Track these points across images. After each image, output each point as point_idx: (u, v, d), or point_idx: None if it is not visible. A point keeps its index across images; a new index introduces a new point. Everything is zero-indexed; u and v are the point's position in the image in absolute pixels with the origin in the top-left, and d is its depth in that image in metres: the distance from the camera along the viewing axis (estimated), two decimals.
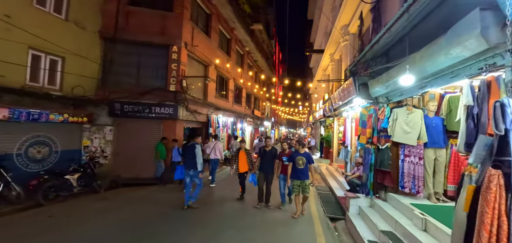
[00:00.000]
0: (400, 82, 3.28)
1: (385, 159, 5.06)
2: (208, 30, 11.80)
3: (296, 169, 5.57)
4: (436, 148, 4.61)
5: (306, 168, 5.59)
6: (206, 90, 11.57)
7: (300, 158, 5.58)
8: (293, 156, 5.70)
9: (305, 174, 5.59)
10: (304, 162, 5.56)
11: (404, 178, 4.82)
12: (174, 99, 8.93)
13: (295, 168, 5.58)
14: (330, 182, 8.97)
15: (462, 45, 2.42)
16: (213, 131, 11.67)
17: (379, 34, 3.83)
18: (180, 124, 9.36)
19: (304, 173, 5.57)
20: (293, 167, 5.60)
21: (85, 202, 6.44)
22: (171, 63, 8.98)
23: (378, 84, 4.80)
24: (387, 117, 5.05)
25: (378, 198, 5.32)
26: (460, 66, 2.81)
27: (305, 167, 5.58)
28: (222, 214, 5.83)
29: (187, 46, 9.48)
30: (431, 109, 4.68)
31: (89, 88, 8.17)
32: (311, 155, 5.74)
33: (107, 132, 8.55)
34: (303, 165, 5.55)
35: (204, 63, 11.36)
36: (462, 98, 2.63)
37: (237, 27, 14.59)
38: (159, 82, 9.10)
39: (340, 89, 7.71)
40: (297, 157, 5.60)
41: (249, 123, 19.41)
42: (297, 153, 5.71)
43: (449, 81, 3.14)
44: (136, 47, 8.98)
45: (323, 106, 13.69)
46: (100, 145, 8.46)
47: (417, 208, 4.04)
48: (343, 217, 5.83)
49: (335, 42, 11.53)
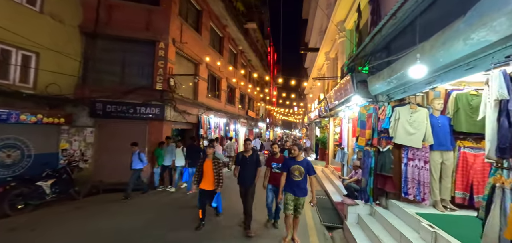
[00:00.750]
0: (409, 75, 2.83)
1: (386, 162, 4.62)
2: (198, 27, 11.28)
3: (291, 181, 4.22)
4: (443, 150, 4.19)
5: (304, 181, 4.21)
6: (196, 90, 11.04)
7: (297, 167, 4.18)
8: (288, 163, 4.31)
9: (303, 188, 4.21)
10: (302, 173, 4.15)
11: (407, 183, 4.38)
12: (161, 99, 8.38)
13: (289, 179, 4.24)
14: (326, 185, 8.53)
15: (488, 26, 1.98)
16: (204, 133, 11.15)
17: (382, 21, 3.39)
18: (168, 125, 8.81)
19: (301, 187, 4.19)
20: (288, 178, 4.26)
21: (58, 212, 5.84)
22: (157, 61, 8.44)
23: (378, 80, 4.36)
24: (388, 117, 4.61)
25: (378, 205, 4.87)
26: (481, 55, 2.38)
27: (303, 179, 4.19)
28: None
29: (175, 42, 8.94)
30: (437, 108, 4.26)
31: (68, 86, 7.57)
32: (311, 164, 4.28)
33: (88, 133, 7.95)
34: (301, 176, 4.15)
35: (194, 61, 10.83)
36: (490, 92, 2.18)
37: (229, 25, 14.09)
38: (145, 80, 8.54)
39: (336, 88, 7.28)
40: (293, 165, 4.21)
41: (242, 124, 18.90)
42: (292, 160, 4.30)
43: (463, 74, 2.71)
44: (120, 43, 8.41)
45: (318, 107, 13.28)
46: (80, 147, 7.85)
47: (424, 219, 3.59)
48: (341, 225, 5.37)
49: (330, 39, 11.13)
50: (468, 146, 4.22)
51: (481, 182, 4.06)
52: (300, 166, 4.21)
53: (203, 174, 4.82)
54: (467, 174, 4.16)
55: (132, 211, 6.00)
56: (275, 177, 4.78)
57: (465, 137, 4.33)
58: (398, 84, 3.89)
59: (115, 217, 5.58)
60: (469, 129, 4.20)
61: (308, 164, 4.27)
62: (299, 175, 4.16)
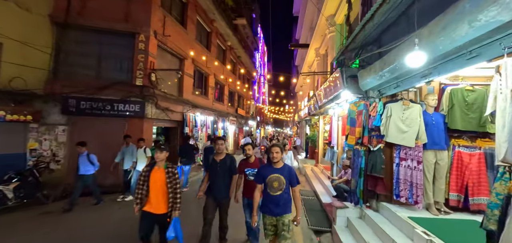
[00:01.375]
0: (406, 64, 2.50)
1: (377, 162, 4.32)
2: (183, 20, 10.75)
3: (267, 197, 3.10)
4: (437, 149, 3.92)
5: (285, 195, 3.08)
6: (181, 86, 10.52)
7: (275, 177, 3.04)
8: (263, 172, 3.15)
9: (284, 205, 3.08)
10: (283, 184, 3.03)
11: (399, 185, 4.10)
12: (141, 95, 7.85)
13: (266, 193, 3.11)
14: (315, 185, 8.24)
15: (500, 3, 1.65)
16: (189, 131, 10.67)
17: (374, 7, 3.06)
18: (149, 123, 8.29)
19: (281, 204, 3.05)
20: (264, 192, 3.15)
21: (20, 219, 5.27)
22: (137, 54, 7.89)
23: (369, 74, 4.04)
24: (379, 113, 4.31)
25: (368, 207, 4.58)
26: (486, 41, 2.06)
27: (285, 193, 3.06)
28: None
29: (156, 35, 8.41)
30: (431, 104, 3.98)
31: (36, 81, 6.94)
32: (293, 171, 3.20)
33: (60, 132, 7.35)
34: (280, 189, 3.03)
35: (179, 56, 10.31)
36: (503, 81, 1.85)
37: (217, 19, 13.60)
38: (124, 75, 7.99)
39: (326, 84, 6.97)
40: (271, 175, 3.06)
41: (232, 122, 18.47)
42: (269, 167, 3.14)
43: (465, 65, 2.40)
44: (96, 35, 7.82)
45: (308, 104, 13.00)
46: (51, 147, 7.25)
47: (418, 225, 3.30)
48: (329, 229, 5.05)
49: (320, 35, 10.84)
50: (463, 144, 3.96)
51: (476, 183, 3.81)
52: (280, 175, 3.05)
53: (149, 190, 3.22)
54: (462, 174, 3.90)
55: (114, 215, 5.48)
56: (252, 187, 3.39)
57: (459, 135, 4.07)
58: (391, 78, 3.58)
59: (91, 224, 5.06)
60: (465, 127, 3.94)
61: (291, 171, 3.14)
62: (279, 187, 3.03)
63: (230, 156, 3.98)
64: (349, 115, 4.81)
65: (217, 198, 3.84)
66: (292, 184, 3.14)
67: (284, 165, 3.17)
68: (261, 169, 3.26)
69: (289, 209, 3.14)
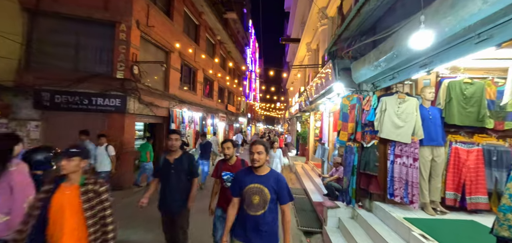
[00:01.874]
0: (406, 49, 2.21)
1: (370, 159, 4.07)
2: (169, 11, 10.24)
3: (244, 216, 2.17)
4: (434, 145, 3.69)
5: (270, 217, 2.14)
6: (167, 80, 10.05)
7: (256, 188, 2.13)
8: (239, 180, 2.23)
9: (268, 235, 2.15)
10: (266, 200, 2.11)
11: (394, 183, 3.86)
12: (122, 88, 7.35)
13: (242, 211, 2.20)
14: (306, 183, 7.99)
15: None
16: (176, 127, 10.22)
17: None
18: (131, 118, 7.81)
19: (264, 228, 2.12)
20: (240, 208, 2.22)
21: None
22: (118, 45, 7.38)
23: (364, 65, 3.77)
24: (373, 108, 4.05)
25: (361, 207, 4.33)
26: (500, 21, 1.79)
27: (269, 214, 2.14)
28: None
29: (139, 25, 7.90)
30: (427, 97, 3.74)
31: (4, 72, 6.37)
32: (284, 181, 2.20)
33: (32, 128, 6.79)
34: (263, 207, 2.12)
35: (164, 49, 9.82)
36: None
37: (206, 12, 13.12)
38: (104, 67, 7.47)
39: (317, 78, 6.70)
40: (250, 184, 2.15)
41: (221, 119, 18.05)
42: (248, 173, 2.22)
43: (472, 50, 2.14)
44: (72, 24, 7.25)
45: (299, 100, 12.76)
46: (23, 145, 6.67)
47: (415, 227, 3.05)
48: (320, 230, 4.80)
49: (312, 28, 10.57)
50: (460, 140, 3.76)
51: (474, 181, 3.62)
52: (263, 186, 2.10)
53: (50, 227, 1.77)
54: (459, 172, 3.70)
55: None
56: (229, 197, 2.32)
57: (456, 130, 3.87)
58: (387, 69, 3.31)
59: None
60: (462, 121, 3.74)
61: (279, 181, 2.16)
62: (261, 203, 2.10)
63: (188, 155, 3.17)
64: (342, 110, 4.54)
65: (170, 210, 2.97)
66: (281, 200, 2.14)
67: (270, 171, 2.19)
68: (237, 175, 2.28)
69: (274, 239, 2.16)
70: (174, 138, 3.02)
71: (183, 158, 3.05)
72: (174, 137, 3.03)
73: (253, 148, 2.16)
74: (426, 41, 2.03)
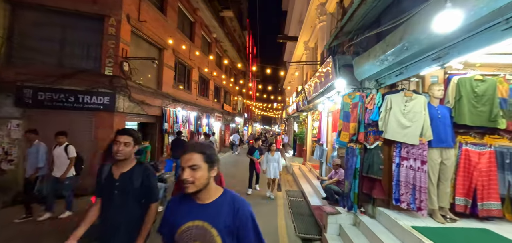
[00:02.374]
0: (433, 30, 1.85)
1: (374, 162, 3.78)
2: (163, 6, 9.87)
3: None
4: (443, 147, 3.41)
5: None
6: (160, 78, 9.68)
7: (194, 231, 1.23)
8: (171, 217, 1.33)
9: None
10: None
11: (400, 188, 3.57)
12: (111, 86, 6.97)
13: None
14: (303, 185, 7.70)
15: None
16: (169, 127, 9.86)
17: None
18: (120, 117, 7.41)
19: None
20: None
21: None
22: (107, 40, 7.00)
23: (368, 60, 3.47)
24: (377, 106, 3.76)
25: (363, 213, 4.04)
26: None
27: None
28: None
29: (130, 20, 7.53)
30: (436, 95, 3.46)
31: None
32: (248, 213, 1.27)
33: (13, 127, 6.38)
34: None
35: (157, 46, 9.45)
36: None
37: (201, 9, 12.77)
38: (91, 63, 7.07)
39: (316, 76, 6.40)
40: (185, 224, 1.26)
41: (217, 119, 17.70)
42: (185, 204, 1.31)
43: (498, 39, 1.85)
44: (57, 17, 6.84)
45: (296, 100, 12.47)
46: (2, 145, 6.28)
47: (426, 238, 2.76)
48: (319, 237, 4.49)
49: (310, 26, 10.28)
50: (471, 142, 3.48)
51: (486, 185, 3.34)
52: (209, 223, 1.24)
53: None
54: (470, 176, 3.42)
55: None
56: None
57: (466, 130, 3.59)
58: (394, 63, 3.02)
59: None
60: (473, 121, 3.46)
61: (240, 214, 1.26)
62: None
63: (144, 167, 2.08)
64: (342, 109, 4.25)
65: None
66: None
67: (223, 195, 1.32)
68: (169, 209, 1.38)
69: None
70: (123, 141, 1.95)
71: (135, 172, 2.01)
72: (122, 138, 1.95)
73: (182, 160, 1.27)
74: (454, 22, 1.73)
